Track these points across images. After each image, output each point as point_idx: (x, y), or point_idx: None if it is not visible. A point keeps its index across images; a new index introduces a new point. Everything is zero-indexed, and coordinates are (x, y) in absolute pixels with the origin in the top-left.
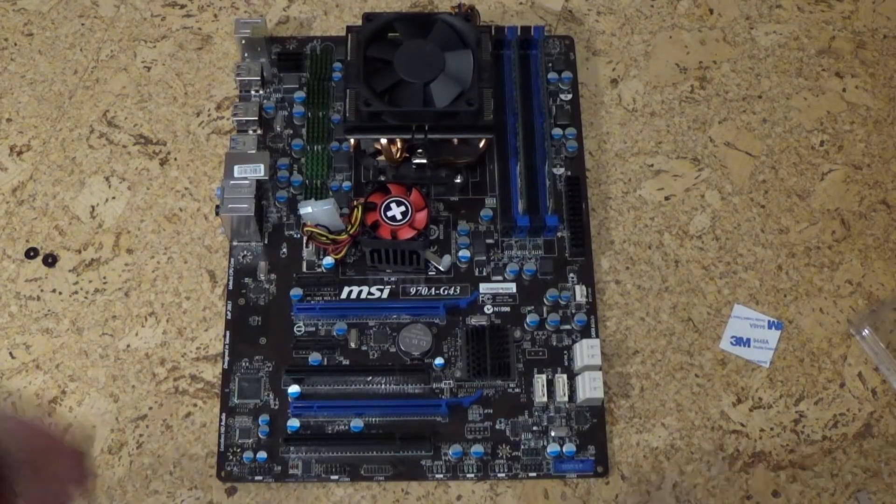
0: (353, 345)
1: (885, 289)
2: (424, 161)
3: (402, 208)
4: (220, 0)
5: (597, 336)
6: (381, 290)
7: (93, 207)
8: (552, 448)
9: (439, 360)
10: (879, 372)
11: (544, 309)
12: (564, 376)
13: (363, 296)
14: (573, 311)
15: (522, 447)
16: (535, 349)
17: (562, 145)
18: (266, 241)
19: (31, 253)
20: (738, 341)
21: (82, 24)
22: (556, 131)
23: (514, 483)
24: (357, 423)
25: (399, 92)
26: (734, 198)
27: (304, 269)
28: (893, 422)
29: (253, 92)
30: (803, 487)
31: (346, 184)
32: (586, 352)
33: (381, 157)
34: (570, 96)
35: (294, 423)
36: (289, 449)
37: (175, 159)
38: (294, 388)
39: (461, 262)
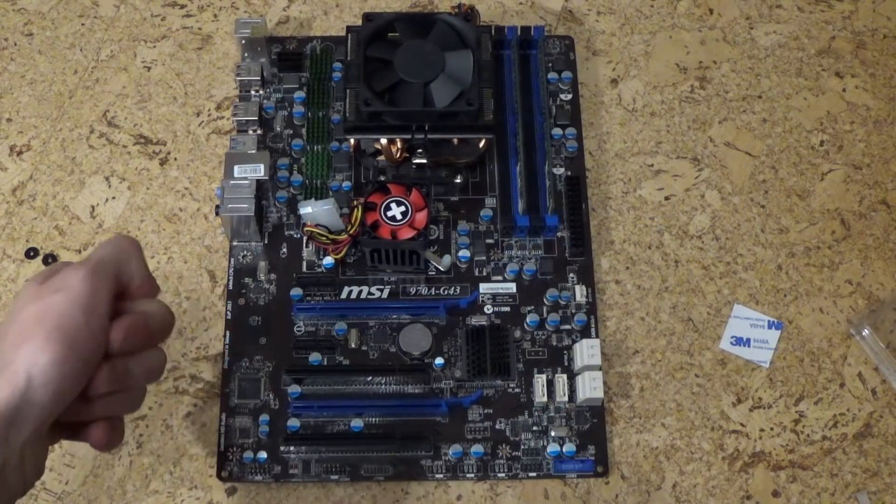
0: (353, 345)
1: (885, 289)
2: (424, 161)
3: (402, 208)
4: (220, 0)
5: (597, 336)
6: (381, 290)
7: (93, 207)
8: (552, 448)
9: (439, 360)
10: (879, 372)
11: (544, 309)
12: (564, 376)
13: (363, 296)
14: (573, 311)
15: (522, 447)
16: (535, 349)
17: (562, 145)
18: (266, 241)
19: (31, 253)
20: (738, 341)
21: (82, 24)
22: (556, 131)
23: (514, 483)
24: (357, 423)
25: (399, 92)
26: (734, 198)
27: (304, 269)
28: (893, 422)
29: (253, 92)
30: (803, 487)
31: (346, 184)
32: (586, 352)
33: (381, 157)
34: (570, 96)
35: (294, 423)
36: (289, 449)
37: (175, 159)
38: (294, 388)
39: (461, 262)
